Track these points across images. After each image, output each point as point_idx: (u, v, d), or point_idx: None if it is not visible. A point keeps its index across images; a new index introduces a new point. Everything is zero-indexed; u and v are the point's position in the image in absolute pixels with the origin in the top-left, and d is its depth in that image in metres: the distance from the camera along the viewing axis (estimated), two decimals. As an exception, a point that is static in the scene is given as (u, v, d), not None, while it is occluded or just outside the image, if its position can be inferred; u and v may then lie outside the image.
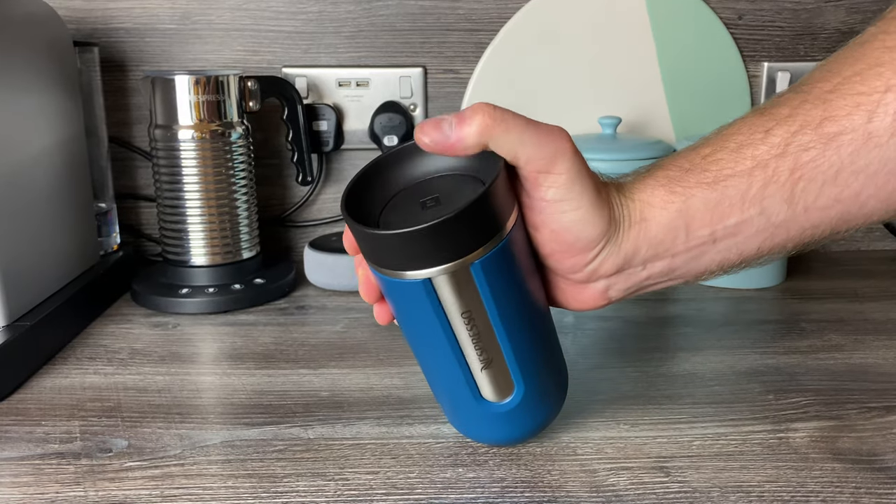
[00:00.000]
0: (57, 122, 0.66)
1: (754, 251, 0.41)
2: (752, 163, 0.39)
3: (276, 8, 0.80)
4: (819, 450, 0.46)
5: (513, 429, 0.45)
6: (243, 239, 0.74)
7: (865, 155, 0.37)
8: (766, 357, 0.60)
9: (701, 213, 0.39)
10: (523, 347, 0.42)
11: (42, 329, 0.60)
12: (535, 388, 0.43)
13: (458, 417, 0.46)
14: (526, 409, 0.44)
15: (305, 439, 0.48)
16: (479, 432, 0.46)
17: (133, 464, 0.45)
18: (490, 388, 0.43)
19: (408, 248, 0.37)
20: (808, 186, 0.38)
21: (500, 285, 0.39)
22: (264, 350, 0.62)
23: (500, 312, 0.40)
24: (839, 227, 0.40)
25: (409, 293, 0.39)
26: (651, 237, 0.40)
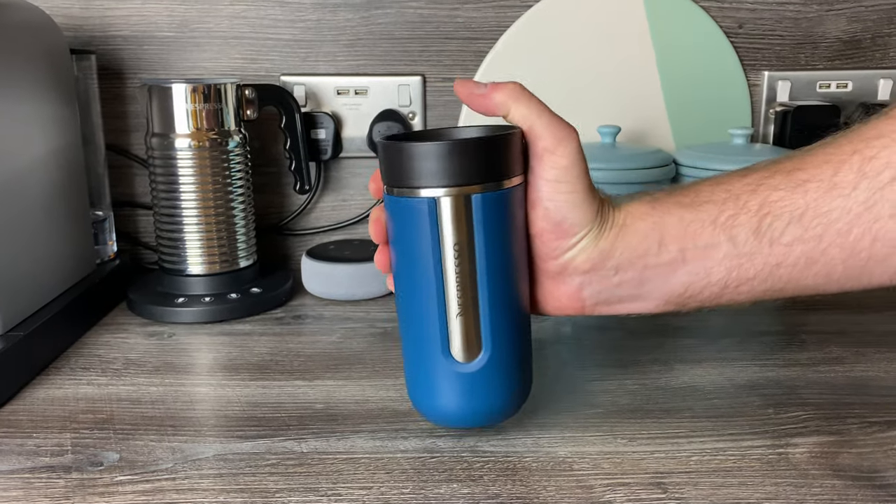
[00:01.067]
0: (53, 129, 0.66)
1: (721, 279, 0.44)
2: (726, 195, 0.43)
3: (275, 16, 0.80)
4: (819, 466, 0.45)
5: (468, 400, 0.45)
6: (240, 248, 0.74)
7: (829, 202, 0.41)
8: (766, 370, 0.59)
9: (675, 229, 0.43)
10: (500, 308, 0.44)
11: (36, 339, 0.59)
12: (501, 360, 0.44)
13: (419, 377, 0.46)
14: (486, 380, 0.45)
15: (299, 453, 0.47)
16: (432, 398, 0.46)
17: (124, 478, 0.44)
18: (459, 341, 0.44)
19: (427, 162, 0.42)
20: (774, 223, 0.42)
21: (494, 229, 0.43)
22: (260, 360, 0.61)
23: (487, 257, 0.43)
24: (804, 275, 0.43)
25: (414, 212, 0.43)
26: (627, 242, 0.44)
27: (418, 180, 0.42)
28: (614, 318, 0.70)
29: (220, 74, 0.81)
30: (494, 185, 0.43)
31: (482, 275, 0.43)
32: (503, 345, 0.45)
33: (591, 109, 0.83)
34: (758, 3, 0.83)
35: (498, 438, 0.49)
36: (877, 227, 0.40)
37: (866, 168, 0.40)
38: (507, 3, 0.81)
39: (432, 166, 0.42)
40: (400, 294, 0.46)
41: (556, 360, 0.61)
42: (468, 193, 0.42)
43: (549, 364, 0.60)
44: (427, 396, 0.47)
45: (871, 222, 0.40)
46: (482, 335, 0.44)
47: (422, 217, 0.43)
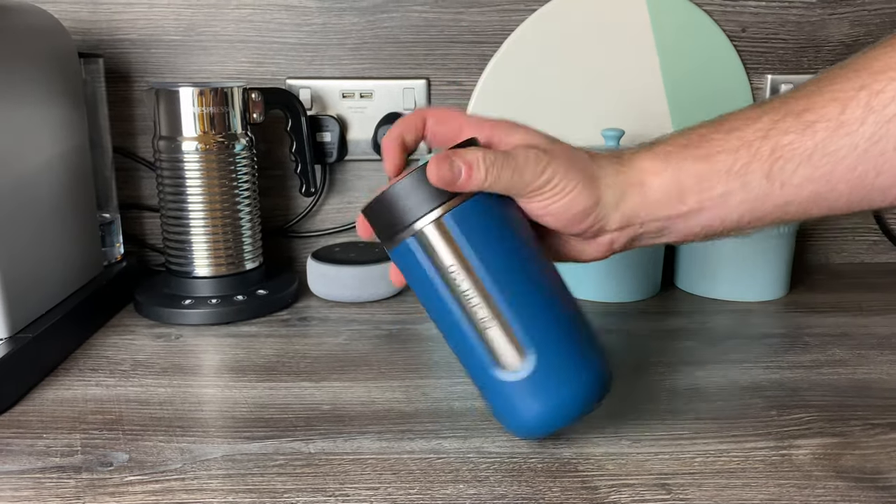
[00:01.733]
0: (61, 132, 0.67)
1: (735, 221, 0.46)
2: (738, 143, 0.44)
3: (281, 20, 0.81)
4: (822, 467, 0.45)
5: (542, 403, 0.44)
6: (246, 250, 0.74)
7: (836, 141, 0.42)
8: (770, 372, 0.59)
9: (691, 181, 0.45)
10: (523, 303, 0.44)
11: (45, 340, 0.60)
12: (552, 352, 0.43)
13: (493, 400, 0.46)
14: (548, 377, 0.43)
15: (306, 454, 0.48)
16: (508, 413, 0.45)
17: (133, 478, 0.45)
18: (502, 352, 0.43)
19: (396, 206, 0.44)
20: (785, 165, 0.43)
21: (478, 237, 0.43)
22: (266, 362, 0.62)
23: (486, 263, 0.43)
24: (811, 208, 0.45)
25: (407, 258, 0.44)
26: (648, 200, 0.45)
27: (392, 229, 0.44)
28: (618, 320, 0.71)
29: (226, 78, 0.82)
30: (459, 199, 0.43)
31: (490, 281, 0.43)
32: (546, 337, 0.44)
33: (595, 113, 0.84)
34: (761, 6, 0.84)
35: (503, 440, 0.49)
36: (881, 160, 0.41)
37: (873, 102, 0.41)
38: (511, 7, 0.82)
39: (404, 207, 0.44)
40: (441, 331, 0.46)
41: (561, 362, 0.61)
42: (437, 217, 0.43)
43: (554, 366, 0.61)
44: (508, 415, 0.45)
45: (876, 156, 0.41)
46: (519, 338, 0.43)
47: (411, 258, 0.44)
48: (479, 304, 0.43)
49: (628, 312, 0.73)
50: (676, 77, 0.84)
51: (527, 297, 0.44)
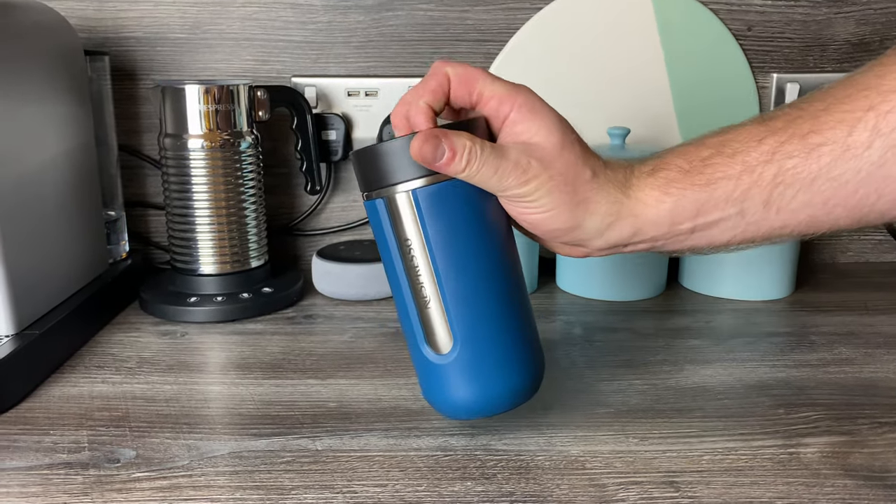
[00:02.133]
0: (68, 130, 0.67)
1: (724, 243, 0.46)
2: (741, 167, 0.43)
3: (286, 18, 0.81)
4: (830, 466, 0.45)
5: (457, 391, 0.46)
6: (252, 248, 0.74)
7: (841, 165, 0.41)
8: (776, 370, 0.59)
9: (688, 210, 0.44)
10: (464, 299, 0.44)
11: (51, 337, 0.60)
12: (476, 350, 0.45)
13: (416, 369, 0.48)
14: (466, 371, 0.45)
15: (313, 451, 0.47)
16: (427, 387, 0.48)
17: (141, 474, 0.45)
18: (436, 331, 0.45)
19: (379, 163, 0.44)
20: (785, 191, 0.42)
21: (442, 222, 0.44)
22: (272, 360, 0.62)
23: (440, 249, 0.44)
24: (804, 231, 0.44)
25: (375, 215, 0.46)
26: (638, 228, 0.45)
27: (369, 183, 0.45)
28: (623, 319, 0.70)
29: (231, 76, 0.82)
30: (439, 178, 0.44)
31: (439, 266, 0.44)
32: (477, 334, 0.45)
33: (601, 111, 0.84)
34: (767, 5, 0.84)
35: (510, 437, 0.49)
36: (884, 184, 0.41)
37: (881, 125, 0.40)
38: (517, 6, 0.82)
39: (376, 168, 0.44)
40: (391, 289, 0.48)
41: (567, 361, 0.61)
42: (410, 189, 0.44)
43: (560, 364, 0.61)
44: (427, 388, 0.48)
45: (879, 180, 0.41)
46: (451, 325, 0.45)
47: (377, 217, 0.45)
48: (425, 282, 0.45)
49: (633, 311, 0.73)
50: (682, 75, 0.84)
51: (470, 290, 0.45)
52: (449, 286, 0.44)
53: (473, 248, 0.45)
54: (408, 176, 0.44)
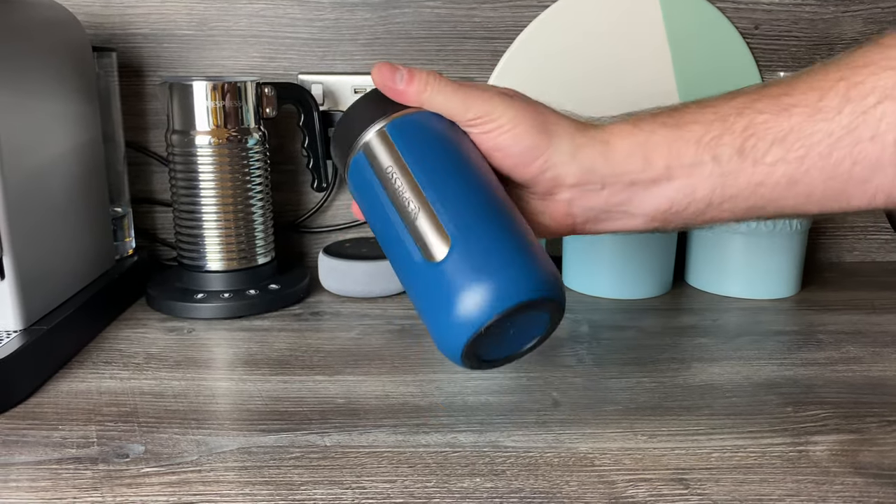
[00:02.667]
0: (75, 126, 0.67)
1: (705, 198, 0.44)
2: (713, 116, 0.44)
3: (293, 15, 0.81)
4: (840, 464, 0.45)
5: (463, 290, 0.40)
6: (258, 245, 0.74)
7: (812, 125, 0.41)
8: (784, 368, 0.59)
9: (659, 147, 0.44)
10: (447, 195, 0.43)
11: (59, 333, 0.60)
12: (475, 238, 0.41)
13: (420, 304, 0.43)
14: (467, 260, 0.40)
15: (322, 447, 0.48)
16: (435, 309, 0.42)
17: (150, 469, 0.45)
18: (430, 239, 0.42)
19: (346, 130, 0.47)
20: (757, 143, 0.42)
21: (417, 141, 0.45)
22: (279, 356, 0.62)
23: (418, 166, 0.44)
24: (785, 196, 0.43)
25: (356, 175, 0.47)
26: (610, 158, 0.45)
27: (345, 152, 0.47)
28: (630, 317, 0.70)
29: (238, 73, 0.82)
30: (408, 111, 0.45)
31: (421, 175, 0.44)
32: (468, 224, 0.42)
33: (607, 109, 0.83)
34: (774, 4, 0.84)
35: (519, 434, 0.49)
36: (857, 150, 0.41)
37: (852, 93, 0.40)
38: (524, 3, 0.82)
39: (346, 135, 0.47)
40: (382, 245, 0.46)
41: (574, 358, 0.61)
42: (380, 128, 0.45)
43: (568, 361, 0.61)
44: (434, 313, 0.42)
45: (851, 145, 0.41)
46: (445, 225, 0.41)
47: (359, 175, 0.46)
48: (410, 197, 0.43)
49: (640, 309, 0.73)
50: (689, 74, 0.84)
51: (457, 190, 0.43)
52: (434, 189, 0.43)
53: (452, 156, 0.45)
54: (376, 117, 0.45)
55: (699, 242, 0.79)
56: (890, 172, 0.41)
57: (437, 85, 0.44)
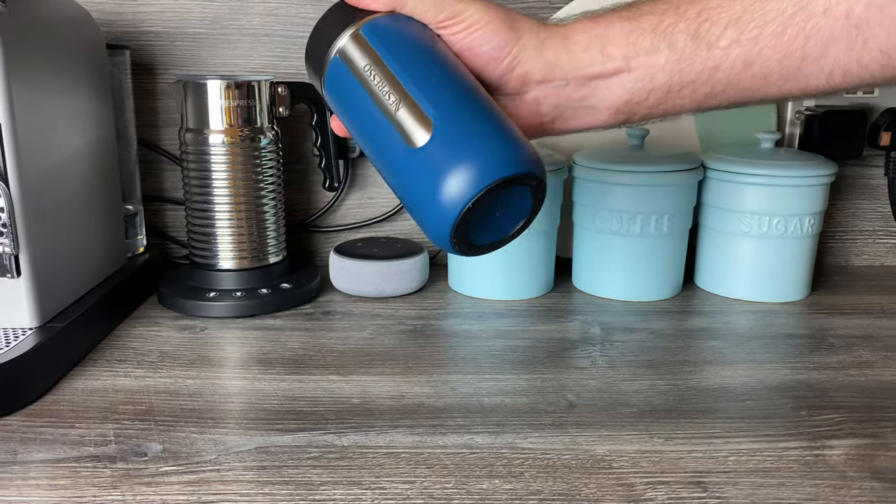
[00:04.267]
0: (90, 124, 0.67)
1: (664, 85, 0.46)
2: (666, 5, 0.45)
3: (306, 14, 0.81)
4: (857, 468, 0.45)
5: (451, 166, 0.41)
6: (270, 244, 0.75)
7: (764, 5, 0.42)
8: (797, 372, 0.59)
9: (617, 39, 0.45)
10: (424, 80, 0.44)
11: (73, 330, 0.60)
12: (456, 117, 0.42)
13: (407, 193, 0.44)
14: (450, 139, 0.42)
15: (339, 447, 0.48)
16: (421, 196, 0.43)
17: (169, 468, 0.45)
18: (412, 127, 0.42)
19: (320, 38, 0.47)
20: (711, 28, 0.43)
21: (392, 40, 0.45)
22: (293, 355, 0.62)
23: (396, 60, 0.44)
24: (742, 79, 0.44)
25: (333, 82, 0.47)
26: (571, 52, 0.46)
27: (320, 60, 0.47)
28: (641, 319, 0.71)
29: (250, 71, 0.82)
30: (378, 14, 0.46)
31: (397, 67, 0.44)
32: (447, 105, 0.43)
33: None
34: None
35: (535, 436, 0.49)
36: (810, 25, 0.41)
37: None
38: (536, 5, 0.82)
39: (320, 43, 0.47)
40: (366, 149, 0.47)
41: (587, 360, 0.61)
42: (354, 31, 0.46)
43: (581, 363, 0.61)
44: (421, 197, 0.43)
45: (804, 21, 0.41)
46: (425, 110, 0.42)
47: (336, 80, 0.47)
48: (389, 90, 0.44)
49: (650, 311, 0.73)
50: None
51: (434, 80, 0.44)
52: (413, 79, 0.44)
53: (427, 50, 0.46)
54: (348, 23, 0.46)
55: (708, 245, 0.79)
56: (843, 46, 0.41)
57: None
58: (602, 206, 0.74)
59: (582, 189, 0.76)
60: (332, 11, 0.48)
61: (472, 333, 0.67)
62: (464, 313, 0.72)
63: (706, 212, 0.78)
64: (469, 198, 0.41)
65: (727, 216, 0.76)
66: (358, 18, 0.46)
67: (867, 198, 0.89)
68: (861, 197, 0.89)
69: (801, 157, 0.77)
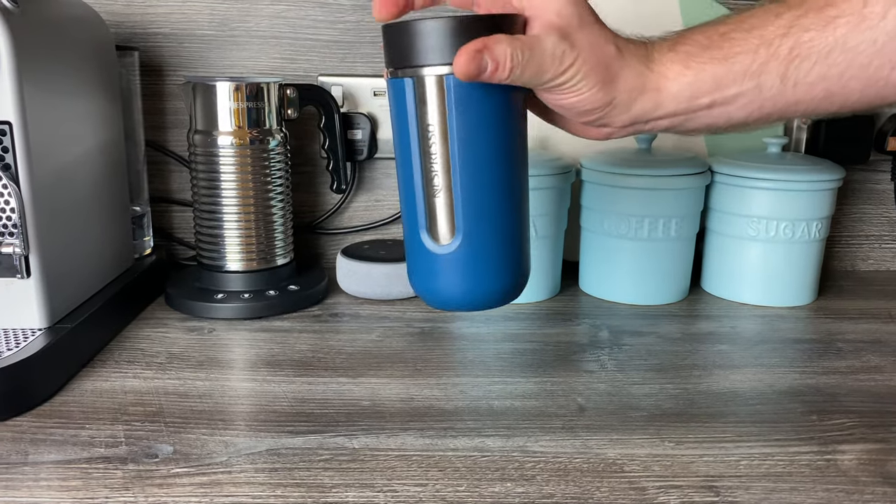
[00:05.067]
0: (99, 125, 0.67)
1: (741, 120, 0.46)
2: (758, 42, 0.44)
3: (315, 17, 0.81)
4: (869, 473, 0.45)
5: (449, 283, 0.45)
6: (278, 246, 0.75)
7: (857, 36, 0.42)
8: (806, 377, 0.59)
9: (707, 85, 0.45)
10: (476, 193, 0.44)
11: (82, 331, 0.60)
12: (476, 244, 0.45)
13: (409, 256, 0.47)
14: (462, 264, 0.45)
15: (351, 449, 0.48)
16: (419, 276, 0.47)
17: (180, 470, 0.45)
18: (440, 221, 0.45)
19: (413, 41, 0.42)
20: (801, 64, 0.43)
21: (469, 111, 0.43)
22: (302, 357, 0.62)
23: (462, 142, 0.43)
24: (820, 107, 0.45)
25: (399, 95, 0.44)
26: (660, 103, 0.45)
27: (400, 60, 0.43)
28: (649, 323, 0.71)
29: (258, 73, 0.82)
30: None
31: (457, 157, 0.43)
32: (479, 228, 0.45)
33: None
34: (793, 12, 0.84)
35: (546, 439, 0.49)
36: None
37: None
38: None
39: (412, 45, 0.42)
40: (398, 175, 0.47)
41: (597, 364, 0.61)
42: (445, 74, 0.42)
43: (590, 367, 0.61)
44: (416, 275, 0.47)
45: (893, 50, 0.42)
46: (458, 217, 0.44)
47: (402, 97, 0.44)
48: (439, 170, 0.44)
49: (658, 315, 0.73)
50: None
51: (484, 186, 0.44)
52: (464, 179, 0.44)
53: (495, 143, 0.44)
54: (443, 59, 0.42)
55: (716, 249, 0.79)
56: None
57: (518, 69, 0.42)
58: (610, 210, 0.74)
59: (590, 193, 0.76)
60: (443, 27, 0.42)
61: (480, 336, 0.67)
62: (471, 316, 0.72)
63: (713, 216, 0.78)
64: (453, 309, 0.47)
65: (734, 220, 0.76)
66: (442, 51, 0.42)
67: (874, 202, 0.90)
68: (868, 202, 0.90)
69: (809, 162, 0.77)
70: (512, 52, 0.42)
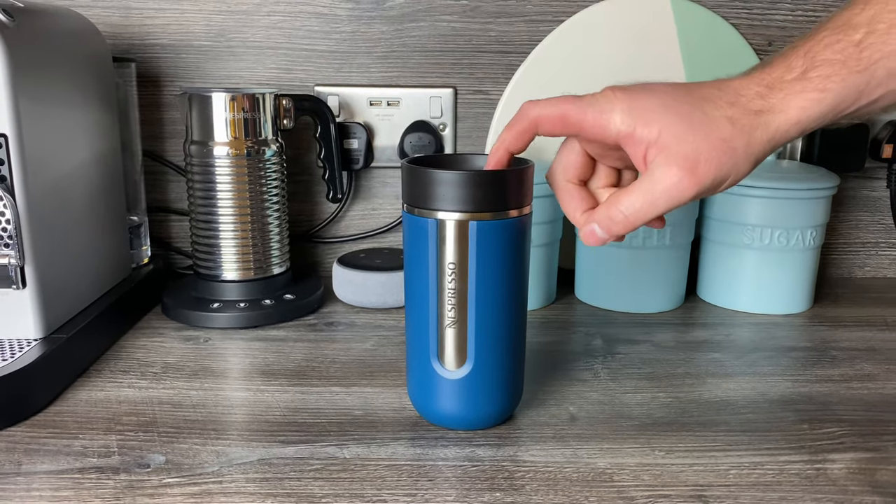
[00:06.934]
0: (96, 135, 0.67)
1: (879, 109, 0.44)
2: (841, 55, 0.42)
3: (310, 27, 0.81)
4: (858, 482, 0.45)
5: (456, 404, 0.50)
6: (274, 255, 0.75)
7: None
8: (798, 385, 0.60)
9: (850, 97, 0.42)
10: (488, 326, 0.48)
11: (78, 341, 0.60)
12: (486, 372, 0.49)
13: (415, 377, 0.51)
14: (470, 388, 0.49)
15: (341, 459, 0.48)
16: (421, 394, 0.51)
17: (172, 480, 0.45)
18: (449, 350, 0.49)
19: (436, 187, 0.46)
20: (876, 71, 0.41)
21: (489, 255, 0.47)
22: (296, 366, 0.62)
23: (479, 281, 0.47)
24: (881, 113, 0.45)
25: (421, 230, 0.47)
26: (803, 129, 0.43)
27: (427, 202, 0.47)
28: (643, 331, 0.71)
29: (255, 84, 0.82)
30: (494, 215, 0.46)
31: (473, 294, 0.47)
32: (489, 358, 0.49)
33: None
34: (788, 20, 0.84)
35: (536, 449, 0.49)
36: None
37: None
38: (539, 18, 0.82)
39: (440, 192, 0.46)
40: (407, 300, 0.51)
41: (590, 372, 0.61)
42: (468, 220, 0.46)
43: (583, 376, 0.61)
44: (419, 395, 0.52)
45: None
46: (468, 347, 0.48)
47: (426, 235, 0.47)
48: (454, 304, 0.48)
49: (653, 323, 0.73)
50: (702, 89, 0.84)
51: (497, 320, 0.48)
52: (479, 314, 0.48)
53: (511, 281, 0.48)
54: (471, 208, 0.46)
55: (711, 257, 0.79)
56: None
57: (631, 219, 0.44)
58: (604, 219, 0.74)
59: (584, 201, 0.77)
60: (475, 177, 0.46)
61: (474, 345, 0.67)
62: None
63: (708, 224, 0.79)
64: (452, 428, 0.51)
65: (729, 228, 0.76)
66: (482, 204, 0.46)
67: (869, 210, 0.90)
68: (863, 209, 0.90)
69: (804, 170, 0.77)
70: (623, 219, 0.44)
